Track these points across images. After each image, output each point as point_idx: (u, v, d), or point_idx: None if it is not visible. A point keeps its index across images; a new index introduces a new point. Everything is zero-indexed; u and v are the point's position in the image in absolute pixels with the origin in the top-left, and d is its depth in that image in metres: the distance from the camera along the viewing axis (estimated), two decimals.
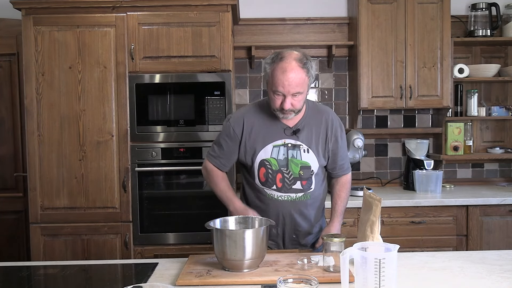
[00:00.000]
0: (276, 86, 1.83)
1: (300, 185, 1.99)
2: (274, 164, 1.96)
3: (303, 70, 1.83)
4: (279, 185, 1.98)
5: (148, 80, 2.89)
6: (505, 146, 3.59)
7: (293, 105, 1.86)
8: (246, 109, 2.05)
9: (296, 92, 1.83)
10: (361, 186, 3.33)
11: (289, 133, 1.96)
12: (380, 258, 1.27)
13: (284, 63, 1.82)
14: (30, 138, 2.91)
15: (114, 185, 2.93)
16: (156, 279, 1.60)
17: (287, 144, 1.96)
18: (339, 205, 2.09)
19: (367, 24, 3.24)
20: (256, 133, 1.98)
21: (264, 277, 1.53)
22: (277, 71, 1.83)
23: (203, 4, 2.89)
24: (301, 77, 1.82)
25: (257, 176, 2.00)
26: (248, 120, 1.99)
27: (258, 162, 1.98)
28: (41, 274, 1.75)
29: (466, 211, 3.05)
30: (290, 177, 1.97)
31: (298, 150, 1.96)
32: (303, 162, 1.97)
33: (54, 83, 2.90)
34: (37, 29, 2.89)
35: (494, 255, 1.81)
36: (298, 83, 1.82)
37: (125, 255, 2.90)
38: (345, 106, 3.62)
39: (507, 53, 3.61)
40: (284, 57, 1.84)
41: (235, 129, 2.00)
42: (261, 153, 1.97)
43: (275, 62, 1.85)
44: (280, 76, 1.81)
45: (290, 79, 1.80)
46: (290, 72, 1.81)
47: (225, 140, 2.03)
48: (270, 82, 1.87)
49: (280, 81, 1.81)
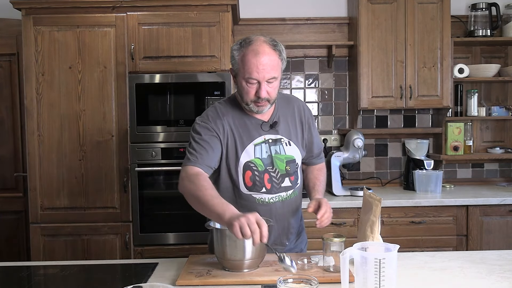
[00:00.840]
0: (249, 73, 1.65)
1: (289, 182, 1.83)
2: (260, 165, 1.77)
3: (275, 52, 1.68)
4: (268, 186, 1.79)
5: (148, 80, 2.89)
6: (505, 146, 3.59)
7: (269, 93, 1.69)
8: (218, 109, 1.81)
9: (271, 77, 1.67)
10: (361, 186, 3.33)
11: (266, 128, 1.80)
12: (380, 258, 1.27)
13: (254, 45, 1.66)
14: (30, 138, 2.91)
15: (114, 185, 2.93)
16: (156, 279, 1.60)
17: (268, 140, 1.79)
18: (319, 185, 1.93)
19: (367, 24, 3.24)
20: (234, 133, 1.77)
21: (264, 277, 1.53)
22: (248, 55, 1.66)
23: (203, 4, 2.90)
24: (274, 60, 1.67)
25: (242, 181, 1.77)
26: (226, 119, 1.78)
27: (242, 165, 1.76)
28: (41, 274, 1.75)
29: (466, 211, 3.05)
30: (277, 175, 1.80)
31: (280, 144, 1.81)
32: (288, 156, 1.82)
33: (54, 83, 2.90)
34: (37, 29, 2.89)
35: (494, 255, 1.81)
36: (272, 66, 1.66)
37: (125, 255, 2.90)
38: (345, 106, 3.62)
39: (507, 53, 3.61)
40: (253, 40, 1.68)
41: (214, 129, 1.75)
42: (244, 155, 1.76)
43: (244, 46, 1.68)
44: (253, 60, 1.64)
45: (263, 62, 1.64)
46: (263, 55, 1.65)
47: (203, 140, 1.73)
48: (241, 70, 1.68)
49: (254, 66, 1.64)
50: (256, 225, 1.40)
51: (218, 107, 1.82)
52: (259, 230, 1.40)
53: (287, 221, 1.87)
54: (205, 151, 1.72)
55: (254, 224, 1.39)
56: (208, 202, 1.55)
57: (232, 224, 1.40)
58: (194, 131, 1.77)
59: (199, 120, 1.80)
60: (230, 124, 1.77)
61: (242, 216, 1.41)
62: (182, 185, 1.67)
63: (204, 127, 1.75)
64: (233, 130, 1.77)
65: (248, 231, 1.38)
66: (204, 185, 1.61)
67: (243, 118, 1.79)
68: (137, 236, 2.91)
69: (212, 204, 1.53)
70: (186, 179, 1.66)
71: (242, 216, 1.41)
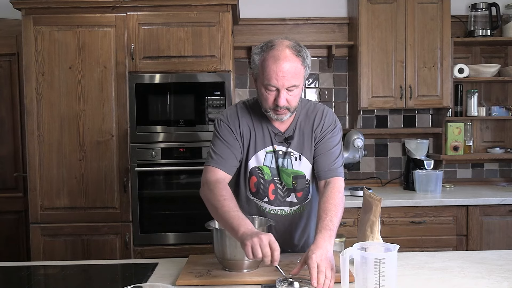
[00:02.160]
0: (268, 79, 1.57)
1: (295, 197, 1.75)
2: (267, 173, 1.72)
3: (298, 59, 1.58)
4: (272, 197, 1.74)
5: (148, 80, 2.89)
6: (505, 146, 3.59)
7: (289, 102, 1.60)
8: (238, 109, 1.77)
9: (291, 85, 1.57)
10: (361, 186, 3.33)
11: (280, 139, 1.72)
12: (380, 258, 1.27)
13: (275, 51, 1.57)
14: (30, 138, 2.91)
15: (114, 185, 2.93)
16: (156, 279, 1.60)
17: (278, 152, 1.72)
18: (324, 218, 1.54)
19: (367, 24, 3.24)
20: (249, 136, 1.73)
21: (264, 277, 1.53)
22: (268, 60, 1.57)
23: (203, 4, 2.89)
24: (296, 67, 1.57)
25: (247, 186, 1.75)
26: (243, 121, 1.74)
27: (250, 170, 1.73)
28: (41, 274, 1.74)
29: (466, 211, 3.05)
30: (284, 188, 1.74)
31: (289, 158, 1.72)
32: (295, 172, 1.73)
33: (54, 83, 2.90)
34: (37, 29, 2.89)
35: (494, 255, 1.81)
36: (293, 73, 1.56)
37: (125, 255, 2.90)
38: (345, 106, 3.62)
39: (507, 53, 3.61)
40: (275, 45, 1.58)
41: (232, 130, 1.72)
42: (253, 159, 1.72)
43: (265, 51, 1.60)
44: (272, 66, 1.55)
45: (284, 69, 1.55)
46: (284, 61, 1.55)
47: (224, 140, 1.70)
48: (260, 75, 1.61)
49: (273, 72, 1.55)
50: (268, 248, 1.34)
51: (239, 107, 1.77)
52: (270, 253, 1.35)
53: (289, 235, 1.79)
54: (229, 152, 1.69)
55: (266, 247, 1.34)
56: (224, 214, 1.51)
57: (245, 243, 1.36)
58: (216, 130, 1.74)
59: (219, 117, 1.77)
60: (248, 126, 1.73)
61: (256, 235, 1.36)
62: (203, 191, 1.65)
63: (225, 128, 1.72)
64: (250, 132, 1.73)
65: (259, 253, 1.34)
66: (223, 195, 1.57)
67: (261, 123, 1.74)
68: (137, 236, 2.91)
69: (229, 217, 1.49)
70: (206, 186, 1.63)
71: (256, 235, 1.36)
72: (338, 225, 1.56)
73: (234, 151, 1.70)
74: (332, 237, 1.49)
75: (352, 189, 3.20)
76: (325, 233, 1.48)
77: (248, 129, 1.73)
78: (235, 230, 1.44)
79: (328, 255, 1.41)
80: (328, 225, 1.51)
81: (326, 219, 1.53)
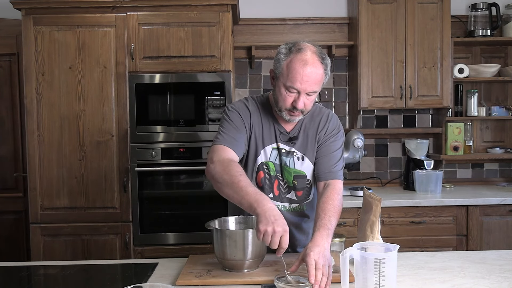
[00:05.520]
0: (292, 81, 1.59)
1: (294, 195, 1.80)
2: (272, 169, 1.77)
3: (322, 66, 1.61)
4: (276, 192, 1.78)
5: (148, 80, 2.89)
6: (505, 146, 3.59)
7: (305, 106, 1.64)
8: (248, 103, 1.79)
9: (312, 90, 1.61)
10: (361, 186, 3.33)
11: (285, 138, 1.76)
12: (380, 258, 1.27)
13: (304, 55, 1.59)
14: (30, 138, 2.91)
15: (114, 185, 2.93)
16: (156, 279, 1.60)
17: (281, 150, 1.76)
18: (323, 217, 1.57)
19: (367, 24, 3.24)
20: (257, 131, 1.76)
21: (264, 277, 1.53)
22: (295, 63, 1.58)
23: (203, 4, 2.90)
24: (319, 73, 1.60)
25: (254, 180, 1.77)
26: (254, 115, 1.76)
27: (258, 165, 1.77)
28: (41, 274, 1.74)
29: (466, 211, 3.05)
30: (285, 185, 1.79)
31: (292, 157, 1.76)
32: (297, 171, 1.77)
33: (54, 83, 2.90)
34: (37, 29, 2.89)
35: (494, 255, 1.81)
36: (316, 80, 1.60)
37: (125, 255, 2.90)
38: (345, 106, 3.62)
39: (507, 53, 3.61)
40: (303, 49, 1.60)
41: (243, 117, 1.73)
42: (262, 154, 1.76)
43: (293, 52, 1.61)
44: (299, 70, 1.57)
45: (309, 74, 1.58)
46: (311, 66, 1.58)
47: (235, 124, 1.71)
48: (284, 75, 1.61)
49: (299, 76, 1.57)
50: (277, 242, 1.37)
51: (250, 102, 1.79)
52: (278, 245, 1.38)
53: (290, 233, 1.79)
54: (240, 136, 1.70)
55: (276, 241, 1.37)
56: (242, 189, 1.47)
57: (259, 229, 1.38)
58: (227, 115, 1.75)
59: (229, 106, 1.78)
60: (257, 120, 1.75)
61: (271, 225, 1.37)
62: (213, 169, 1.59)
63: (236, 115, 1.73)
64: (258, 127, 1.75)
65: (268, 241, 1.39)
66: (239, 171, 1.55)
67: (268, 120, 1.77)
68: (137, 236, 2.91)
69: (246, 192, 1.46)
70: (219, 163, 1.58)
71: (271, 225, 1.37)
72: (335, 226, 1.59)
73: (243, 137, 1.72)
74: (330, 236, 1.52)
75: (352, 189, 3.20)
76: (323, 232, 1.51)
77: (257, 123, 1.76)
78: (253, 207, 1.42)
79: (326, 253, 1.43)
80: (326, 224, 1.54)
81: (325, 218, 1.56)
